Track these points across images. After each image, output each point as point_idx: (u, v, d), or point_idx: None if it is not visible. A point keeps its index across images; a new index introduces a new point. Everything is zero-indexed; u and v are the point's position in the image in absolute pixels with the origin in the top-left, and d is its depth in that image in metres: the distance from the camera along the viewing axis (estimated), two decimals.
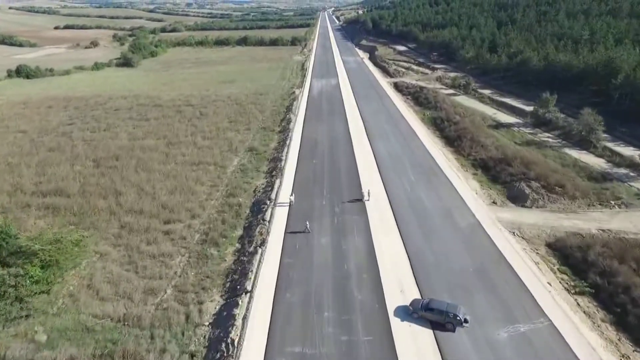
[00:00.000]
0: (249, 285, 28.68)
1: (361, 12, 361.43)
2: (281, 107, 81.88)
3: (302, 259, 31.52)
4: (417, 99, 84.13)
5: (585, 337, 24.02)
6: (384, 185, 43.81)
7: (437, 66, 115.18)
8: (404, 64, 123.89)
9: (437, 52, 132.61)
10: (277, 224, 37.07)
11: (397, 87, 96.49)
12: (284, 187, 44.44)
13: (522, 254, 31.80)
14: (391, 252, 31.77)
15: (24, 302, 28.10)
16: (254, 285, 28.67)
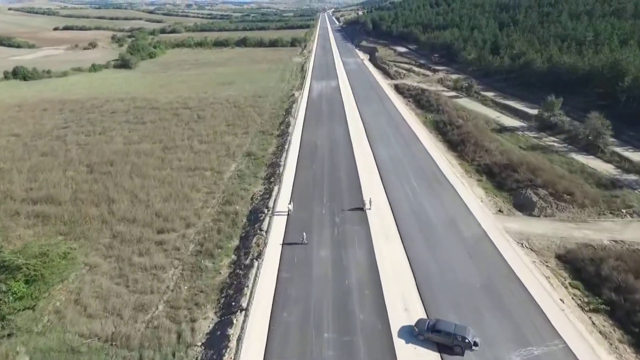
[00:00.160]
0: (244, 302, 27.15)
1: (361, 13, 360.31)
2: (280, 109, 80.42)
3: (300, 273, 29.98)
4: (419, 101, 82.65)
5: None
6: (386, 192, 42.28)
7: (439, 68, 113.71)
8: (405, 66, 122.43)
9: (438, 53, 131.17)
10: (274, 234, 35.54)
11: (398, 89, 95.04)
12: (282, 195, 42.92)
13: (531, 267, 30.27)
14: (394, 266, 30.23)
15: (6, 320, 26.57)
16: (249, 302, 27.14)
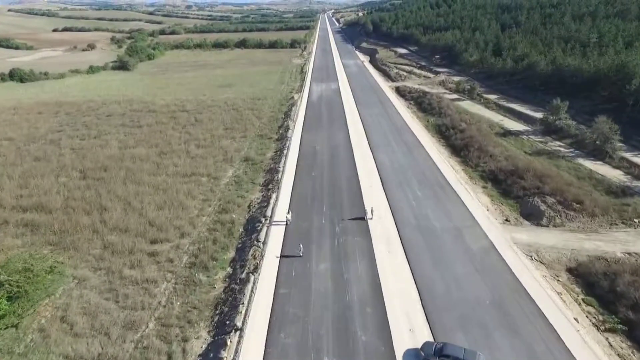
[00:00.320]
0: (239, 320, 25.61)
1: (361, 14, 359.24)
2: (279, 112, 78.94)
3: (298, 288, 28.43)
4: (420, 104, 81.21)
5: None
6: (388, 201, 40.73)
7: (440, 70, 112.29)
8: (406, 68, 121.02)
9: (439, 55, 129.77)
10: (272, 246, 34.02)
11: (399, 92, 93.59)
12: (281, 203, 41.40)
13: (542, 282, 28.72)
14: (397, 281, 28.68)
15: None
16: (244, 321, 25.60)
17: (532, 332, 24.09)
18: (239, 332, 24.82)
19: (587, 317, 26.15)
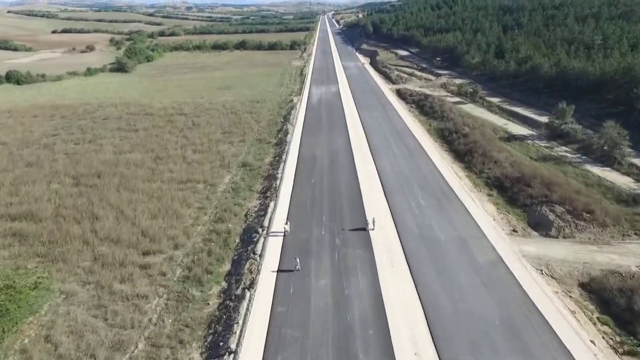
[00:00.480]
0: (233, 342, 24.08)
1: (361, 15, 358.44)
2: (278, 116, 77.54)
3: (297, 306, 26.87)
4: (422, 107, 79.80)
5: None
6: (390, 210, 39.21)
7: (441, 72, 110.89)
8: (407, 70, 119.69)
9: (440, 57, 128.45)
10: (269, 259, 32.49)
11: (400, 95, 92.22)
12: (279, 212, 39.90)
13: (554, 299, 27.18)
14: (401, 299, 27.12)
15: None
16: (239, 342, 24.05)
17: (546, 356, 22.48)
18: (232, 355, 23.27)
19: (603, 337, 24.61)
